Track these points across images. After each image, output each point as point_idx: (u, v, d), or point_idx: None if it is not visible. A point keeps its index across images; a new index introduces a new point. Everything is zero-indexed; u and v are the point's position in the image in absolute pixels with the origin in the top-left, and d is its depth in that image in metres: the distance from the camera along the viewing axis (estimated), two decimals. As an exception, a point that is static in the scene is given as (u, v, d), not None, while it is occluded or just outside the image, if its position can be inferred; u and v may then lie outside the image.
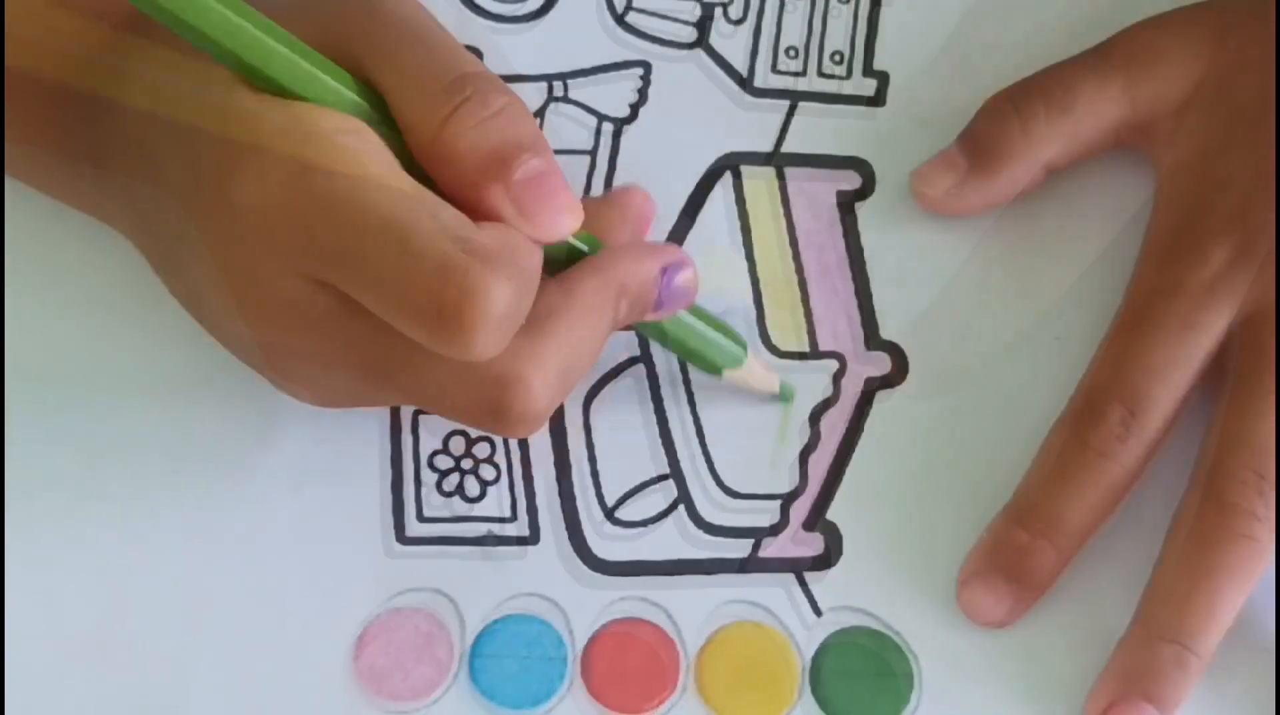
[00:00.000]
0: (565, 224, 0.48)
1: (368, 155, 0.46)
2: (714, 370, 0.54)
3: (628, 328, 0.52)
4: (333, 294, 0.46)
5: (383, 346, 0.47)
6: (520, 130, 0.48)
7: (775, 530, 0.54)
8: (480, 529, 0.54)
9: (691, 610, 0.53)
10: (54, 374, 0.54)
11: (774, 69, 0.59)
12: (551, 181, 0.48)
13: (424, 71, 0.47)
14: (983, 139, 0.56)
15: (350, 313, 0.46)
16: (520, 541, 0.54)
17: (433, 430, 0.55)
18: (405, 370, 0.48)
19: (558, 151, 0.57)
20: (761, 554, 0.54)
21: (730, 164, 0.58)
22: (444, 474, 0.54)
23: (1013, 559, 0.52)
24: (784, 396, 0.55)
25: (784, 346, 0.56)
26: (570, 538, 0.54)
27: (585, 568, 0.54)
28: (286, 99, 0.46)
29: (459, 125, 0.47)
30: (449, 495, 0.54)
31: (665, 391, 0.56)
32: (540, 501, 0.54)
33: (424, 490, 0.54)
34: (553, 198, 0.48)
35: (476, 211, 0.47)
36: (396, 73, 0.47)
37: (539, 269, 0.47)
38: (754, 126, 0.59)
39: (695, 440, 0.55)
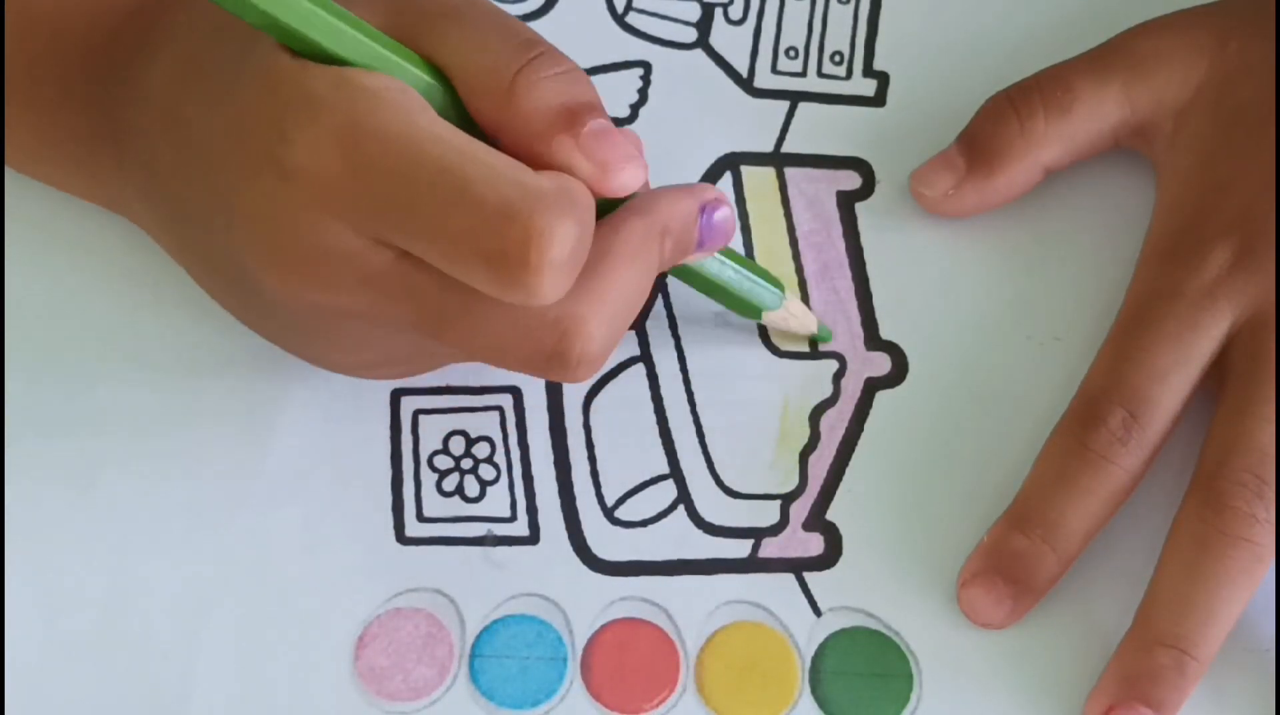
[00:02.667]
0: (633, 176, 0.48)
1: (417, 110, 0.45)
2: (754, 313, 0.55)
3: (670, 271, 0.52)
4: (388, 249, 0.46)
5: (440, 300, 0.47)
6: (588, 90, 0.48)
7: (775, 530, 0.54)
8: (480, 529, 0.54)
9: (691, 610, 0.53)
10: (55, 372, 0.54)
11: (774, 69, 0.59)
12: (618, 136, 0.48)
13: (495, 29, 0.47)
14: (981, 140, 0.56)
15: (407, 267, 0.46)
16: (520, 541, 0.54)
17: (433, 430, 0.55)
18: (462, 323, 0.47)
19: (558, 151, 0.58)
20: (761, 554, 0.54)
21: (730, 164, 0.58)
22: (444, 474, 0.54)
23: (1013, 562, 0.52)
24: (822, 336, 0.55)
25: (784, 346, 0.56)
26: (570, 537, 0.54)
27: (585, 568, 0.54)
28: (330, 64, 0.46)
29: (533, 76, 0.47)
30: (449, 495, 0.54)
31: (665, 391, 0.56)
32: (540, 501, 0.54)
33: (424, 490, 0.54)
34: (620, 149, 0.48)
35: (542, 164, 0.47)
36: (464, 36, 0.47)
37: (594, 212, 0.47)
38: (754, 126, 0.59)
39: (695, 440, 0.55)
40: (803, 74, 0.59)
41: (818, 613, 0.53)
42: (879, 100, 0.59)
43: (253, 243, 0.48)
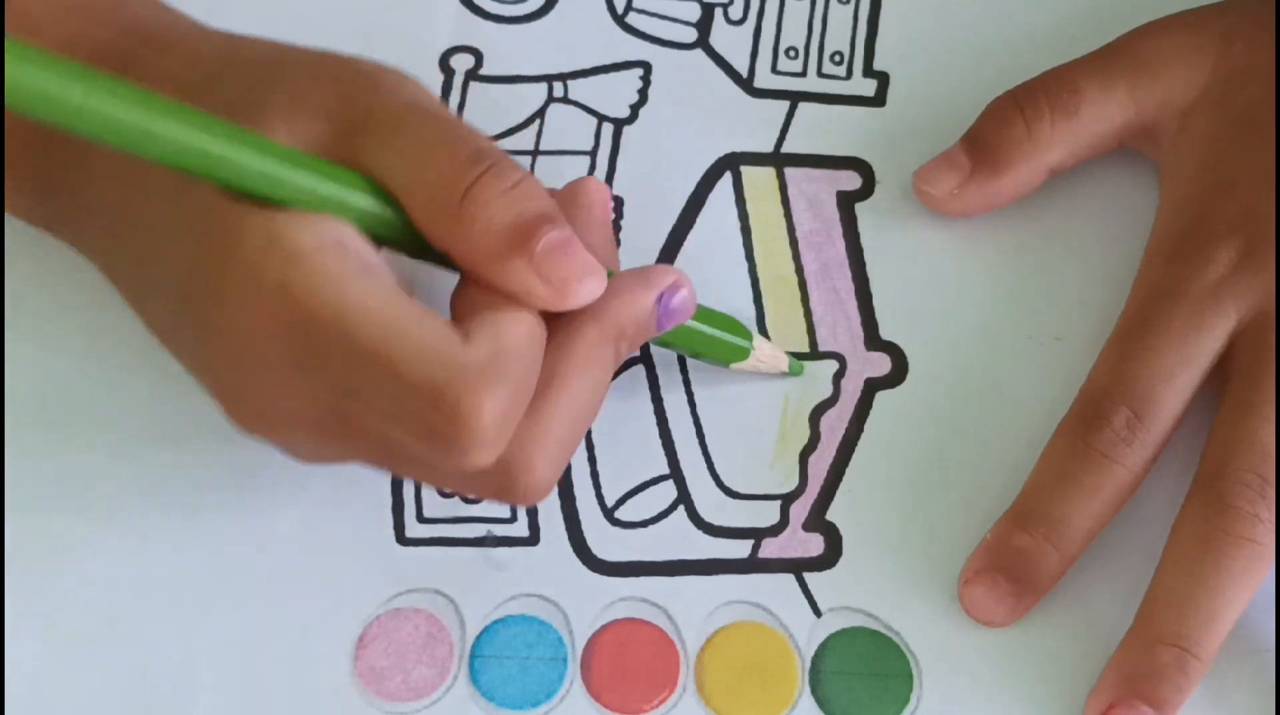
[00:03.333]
0: (590, 289, 0.48)
1: (350, 276, 0.45)
2: (720, 363, 0.54)
3: None
4: (331, 405, 0.46)
5: (383, 447, 0.47)
6: (538, 202, 0.47)
7: (775, 530, 0.54)
8: (480, 529, 0.54)
9: (691, 610, 0.53)
10: (55, 372, 0.54)
11: (774, 69, 0.59)
12: (572, 248, 0.47)
13: (438, 146, 0.47)
14: (987, 140, 0.56)
15: (347, 418, 0.47)
16: (520, 542, 0.54)
17: None
18: (407, 467, 0.48)
19: (558, 152, 0.58)
20: (761, 554, 0.54)
21: (730, 164, 0.58)
22: (444, 474, 0.54)
23: (1015, 560, 0.52)
24: (794, 371, 0.55)
25: (784, 346, 0.56)
26: (570, 538, 0.54)
27: (585, 568, 0.54)
28: (266, 208, 0.45)
29: (481, 196, 0.46)
30: (449, 495, 0.54)
31: (665, 391, 0.56)
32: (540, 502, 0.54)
33: (424, 491, 0.54)
34: (575, 264, 0.47)
35: (496, 285, 0.47)
36: (408, 149, 0.47)
37: (537, 364, 0.47)
38: (754, 126, 0.59)
39: (695, 440, 0.55)
40: (803, 74, 0.59)
41: (818, 613, 0.53)
42: (879, 100, 0.59)
43: (204, 379, 0.49)
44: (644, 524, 0.54)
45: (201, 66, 0.49)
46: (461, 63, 0.59)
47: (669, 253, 0.57)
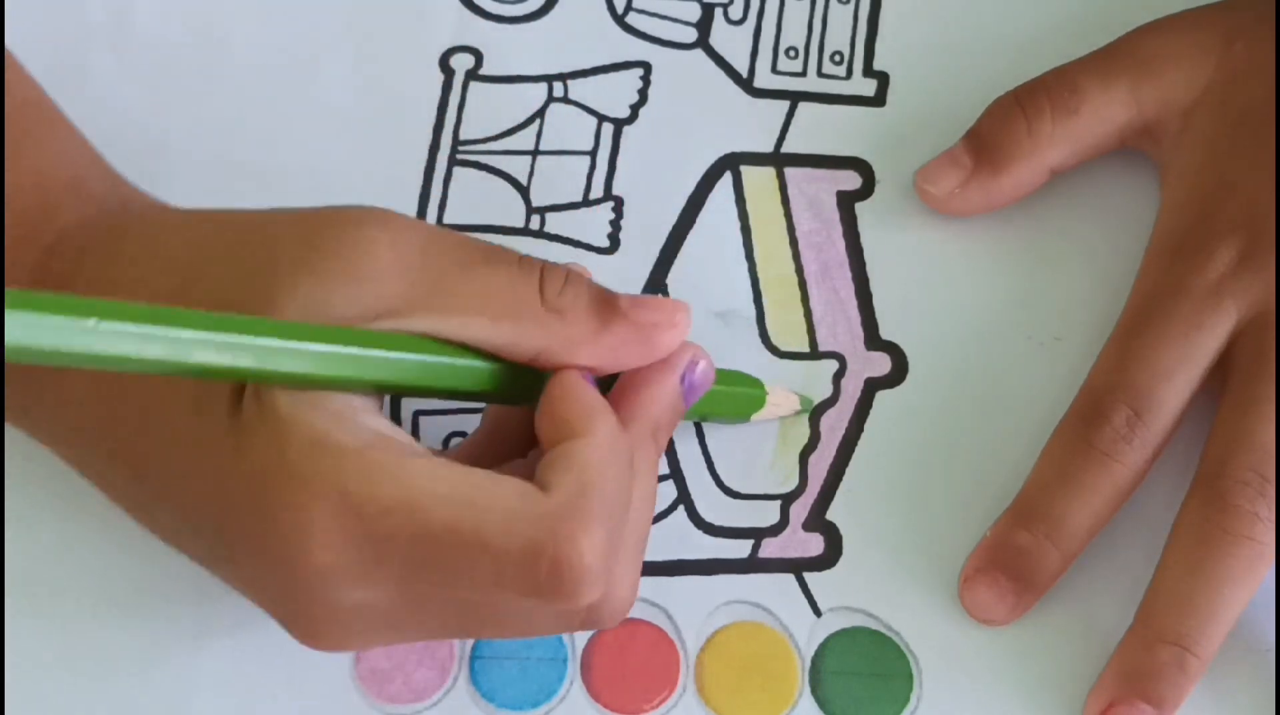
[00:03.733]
0: (684, 312, 0.48)
1: (406, 462, 0.44)
2: (740, 419, 0.55)
3: None
4: (402, 592, 0.45)
5: (457, 619, 0.46)
6: (588, 279, 0.48)
7: (775, 530, 0.54)
8: (480, 529, 0.54)
9: (691, 610, 0.53)
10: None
11: (774, 69, 0.59)
12: (643, 298, 0.48)
13: (491, 270, 0.46)
14: (988, 139, 0.56)
15: (422, 601, 0.46)
16: (520, 542, 0.54)
17: (434, 431, 0.55)
18: (487, 630, 0.48)
19: (558, 152, 0.58)
20: (761, 554, 0.54)
21: (730, 164, 0.58)
22: (444, 475, 0.54)
23: (1016, 558, 0.52)
24: (805, 407, 0.55)
25: (784, 346, 0.56)
26: (570, 538, 0.54)
27: (585, 568, 0.54)
28: (299, 403, 0.44)
29: (554, 289, 0.47)
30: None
31: (665, 392, 0.56)
32: (540, 502, 0.54)
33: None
34: (657, 308, 0.48)
35: (602, 358, 0.47)
36: (463, 286, 0.46)
37: (625, 475, 0.46)
38: (754, 126, 0.59)
39: (695, 440, 0.55)
40: (803, 74, 0.59)
41: (818, 613, 0.53)
42: (879, 100, 0.59)
43: (252, 597, 0.48)
44: (644, 524, 0.54)
45: (168, 256, 0.47)
46: (461, 63, 0.59)
47: (669, 253, 0.57)
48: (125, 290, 0.45)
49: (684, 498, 0.55)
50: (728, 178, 0.58)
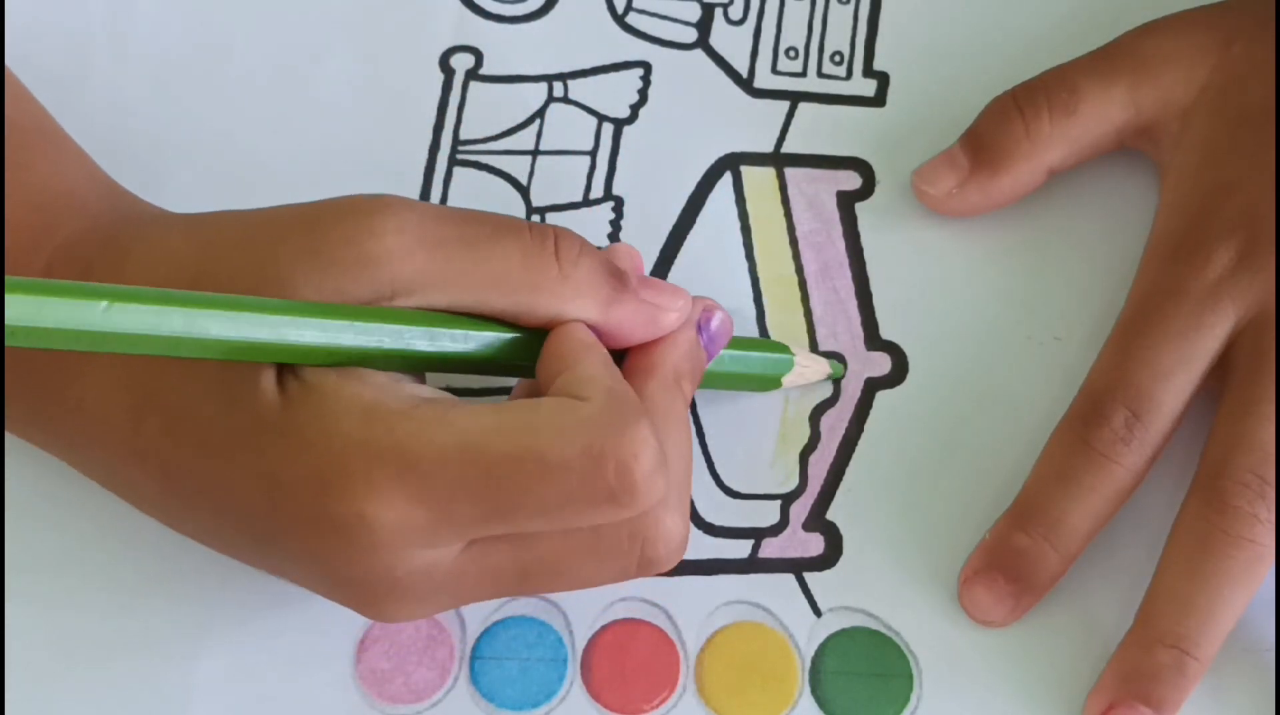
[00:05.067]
0: (686, 299, 0.50)
1: (453, 413, 0.45)
2: (773, 384, 0.55)
3: None
4: (461, 547, 0.46)
5: (519, 568, 0.47)
6: (600, 251, 0.49)
7: (775, 530, 0.54)
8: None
9: (691, 610, 0.53)
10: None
11: (774, 69, 0.59)
12: (652, 279, 0.50)
13: (503, 239, 0.47)
14: (986, 139, 0.56)
15: (485, 549, 0.46)
16: (520, 542, 0.54)
17: None
18: (544, 579, 0.48)
19: (558, 152, 0.58)
20: (761, 554, 0.54)
21: (730, 164, 0.58)
22: (444, 475, 0.54)
23: (1015, 559, 0.52)
24: (835, 373, 0.55)
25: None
26: (570, 538, 0.54)
27: (585, 568, 0.54)
28: (337, 381, 0.45)
29: (570, 258, 0.47)
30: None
31: (665, 392, 0.56)
32: (540, 502, 0.54)
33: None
34: (665, 290, 0.49)
35: (613, 328, 0.48)
36: (478, 256, 0.47)
37: (626, 385, 0.47)
38: (754, 126, 0.59)
39: (695, 440, 0.55)
40: (803, 74, 0.59)
41: (818, 613, 0.53)
42: (879, 100, 0.59)
43: (311, 583, 0.48)
44: (644, 524, 0.54)
45: (173, 261, 0.47)
46: (461, 63, 0.59)
47: (669, 253, 0.57)
48: None
49: (684, 498, 0.55)
50: (728, 178, 0.58)
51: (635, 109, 0.59)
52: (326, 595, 0.48)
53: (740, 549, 0.54)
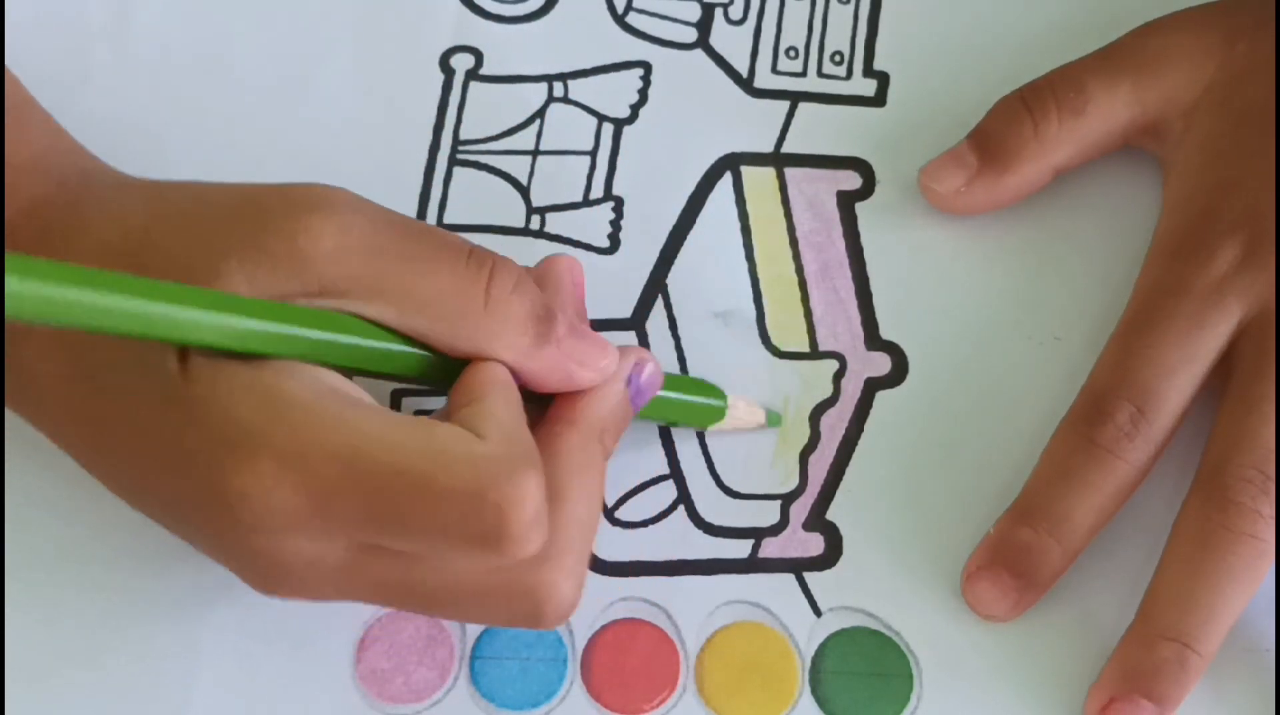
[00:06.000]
0: (612, 360, 0.49)
1: (353, 412, 0.45)
2: (701, 427, 0.55)
3: None
4: (350, 546, 0.46)
5: (406, 583, 0.47)
6: (539, 294, 0.48)
7: (775, 530, 0.54)
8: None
9: (691, 610, 0.53)
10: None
11: (774, 69, 0.59)
12: (582, 330, 0.49)
13: (437, 259, 0.47)
14: (994, 139, 0.56)
15: (370, 556, 0.46)
16: (520, 542, 0.54)
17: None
18: (429, 605, 0.48)
19: (558, 152, 0.58)
20: (761, 554, 0.54)
21: (730, 164, 0.58)
22: (444, 475, 0.54)
23: (1019, 555, 0.52)
24: (771, 422, 0.55)
25: (784, 346, 0.56)
26: (570, 538, 0.54)
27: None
28: (244, 362, 0.45)
29: (500, 296, 0.47)
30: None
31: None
32: (540, 502, 0.54)
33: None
34: (590, 345, 0.49)
35: (527, 376, 0.48)
36: (407, 270, 0.47)
37: (527, 432, 0.47)
38: (754, 126, 0.59)
39: (695, 440, 0.55)
40: (803, 74, 0.59)
41: (818, 613, 0.53)
42: (879, 100, 0.59)
43: (201, 542, 0.48)
44: (644, 524, 0.54)
45: (125, 225, 0.48)
46: (461, 63, 0.59)
47: (669, 253, 0.57)
48: (86, 260, 0.45)
49: (684, 498, 0.55)
50: (728, 178, 0.58)
51: (635, 109, 0.59)
52: (223, 564, 0.48)
53: (740, 549, 0.54)
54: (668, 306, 0.56)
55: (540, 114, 0.59)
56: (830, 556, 0.54)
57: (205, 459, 0.45)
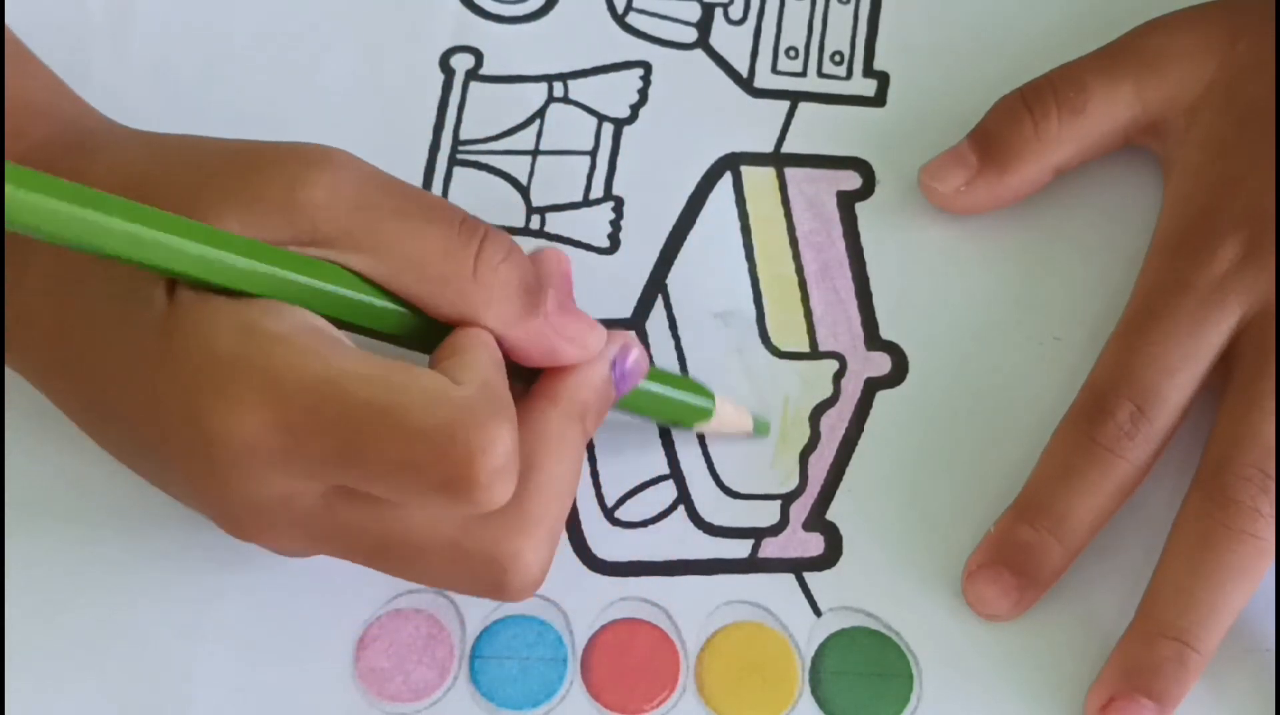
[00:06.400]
0: (598, 338, 0.49)
1: (329, 347, 0.45)
2: (686, 426, 0.55)
3: None
4: (322, 490, 0.46)
5: (375, 534, 0.47)
6: (530, 267, 0.48)
7: (775, 530, 0.54)
8: (480, 529, 0.54)
9: (691, 610, 0.53)
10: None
11: (774, 69, 0.59)
12: (569, 306, 0.49)
13: (431, 221, 0.47)
14: (995, 138, 0.56)
15: (341, 504, 0.46)
16: (520, 542, 0.54)
17: None
18: (396, 561, 0.48)
19: (558, 152, 0.58)
20: (761, 554, 0.54)
21: (731, 164, 0.58)
22: (444, 474, 0.54)
23: (1019, 553, 0.52)
24: (759, 430, 0.55)
25: (784, 346, 0.56)
26: (570, 538, 0.54)
27: (585, 568, 0.54)
28: (231, 298, 0.45)
29: (490, 263, 0.47)
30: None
31: (665, 391, 0.56)
32: (540, 502, 0.54)
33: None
34: (579, 319, 0.49)
35: (513, 345, 0.48)
36: (399, 229, 0.47)
37: (508, 391, 0.47)
38: (754, 126, 0.59)
39: (695, 440, 0.55)
40: (803, 74, 0.59)
41: (818, 613, 0.53)
42: (879, 100, 0.59)
43: (178, 484, 0.48)
44: (644, 524, 0.54)
45: (127, 169, 0.48)
46: (461, 63, 0.59)
47: (669, 253, 0.57)
48: None
49: (684, 498, 0.55)
50: (728, 178, 0.58)
51: (635, 109, 0.59)
52: (198, 510, 0.49)
53: (740, 549, 0.54)
54: (667, 306, 0.56)
55: (540, 114, 0.59)
56: (830, 556, 0.54)
57: (183, 391, 0.45)
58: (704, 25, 0.60)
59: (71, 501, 0.53)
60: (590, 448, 0.55)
